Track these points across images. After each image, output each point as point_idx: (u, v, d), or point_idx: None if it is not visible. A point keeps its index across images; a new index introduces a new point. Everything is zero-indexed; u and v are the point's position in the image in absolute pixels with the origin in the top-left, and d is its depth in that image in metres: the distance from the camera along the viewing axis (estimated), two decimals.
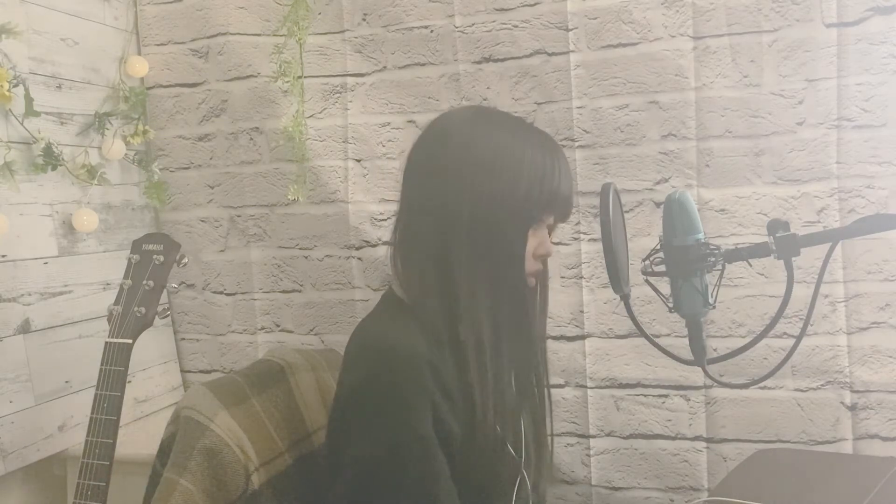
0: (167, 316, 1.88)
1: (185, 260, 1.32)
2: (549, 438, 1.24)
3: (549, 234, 1.12)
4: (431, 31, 1.71)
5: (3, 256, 1.52)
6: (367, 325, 1.10)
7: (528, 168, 1.04)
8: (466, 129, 1.08)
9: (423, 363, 0.98)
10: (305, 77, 1.78)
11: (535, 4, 1.64)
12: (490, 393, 1.03)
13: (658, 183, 1.60)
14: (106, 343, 1.25)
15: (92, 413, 1.22)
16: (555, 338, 1.68)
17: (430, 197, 1.06)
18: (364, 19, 1.76)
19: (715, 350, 1.55)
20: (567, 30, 1.62)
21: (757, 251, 0.93)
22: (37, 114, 1.57)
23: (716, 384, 1.26)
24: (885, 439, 1.51)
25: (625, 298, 0.98)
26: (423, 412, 0.97)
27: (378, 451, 0.98)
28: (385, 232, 1.77)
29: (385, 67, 1.76)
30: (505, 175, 1.04)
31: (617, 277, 0.94)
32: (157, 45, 1.90)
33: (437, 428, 0.98)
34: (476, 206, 1.03)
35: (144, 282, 1.27)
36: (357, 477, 0.99)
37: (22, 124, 1.56)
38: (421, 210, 1.08)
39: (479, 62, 1.68)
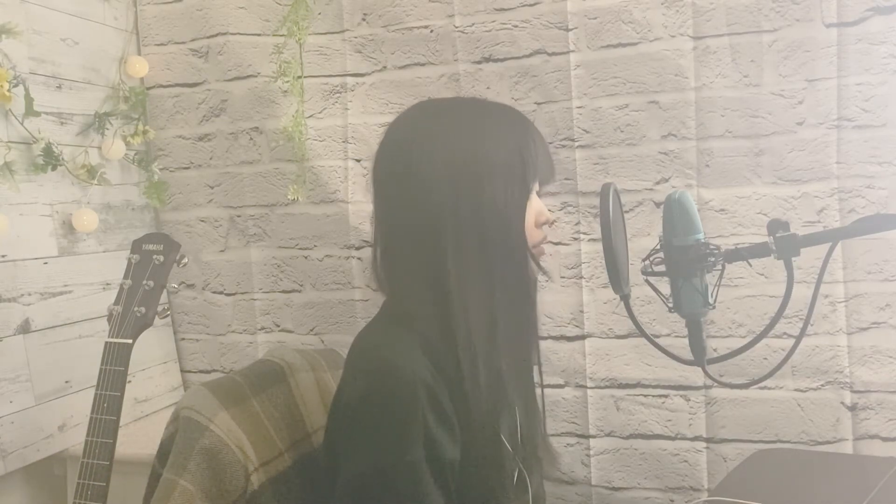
0: (167, 316, 1.88)
1: (185, 260, 1.32)
2: (545, 436, 1.23)
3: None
4: (431, 31, 1.71)
5: (3, 256, 1.52)
6: (366, 339, 1.07)
7: (502, 148, 1.03)
8: (426, 128, 1.06)
9: (418, 385, 0.95)
10: (305, 77, 1.78)
11: (535, 4, 1.64)
12: (484, 401, 1.01)
13: (658, 183, 1.60)
14: (106, 343, 1.25)
15: (92, 413, 1.22)
16: (555, 338, 1.68)
17: (408, 206, 1.04)
18: (364, 19, 1.76)
19: (715, 350, 1.55)
20: (567, 30, 1.62)
21: (757, 251, 0.93)
22: (37, 114, 1.57)
23: (716, 384, 1.26)
24: (885, 439, 1.51)
25: (625, 298, 0.98)
26: (414, 436, 0.95)
27: (368, 472, 0.96)
28: None
29: (385, 67, 1.76)
30: (479, 165, 1.02)
31: (617, 277, 0.94)
32: (157, 45, 1.90)
33: (429, 451, 0.96)
34: (460, 205, 1.01)
35: (144, 282, 1.27)
36: (347, 493, 0.98)
37: (22, 124, 1.56)
38: (401, 220, 1.06)
39: (478, 62, 1.68)
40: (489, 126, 1.05)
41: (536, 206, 1.09)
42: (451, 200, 1.01)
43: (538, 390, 1.22)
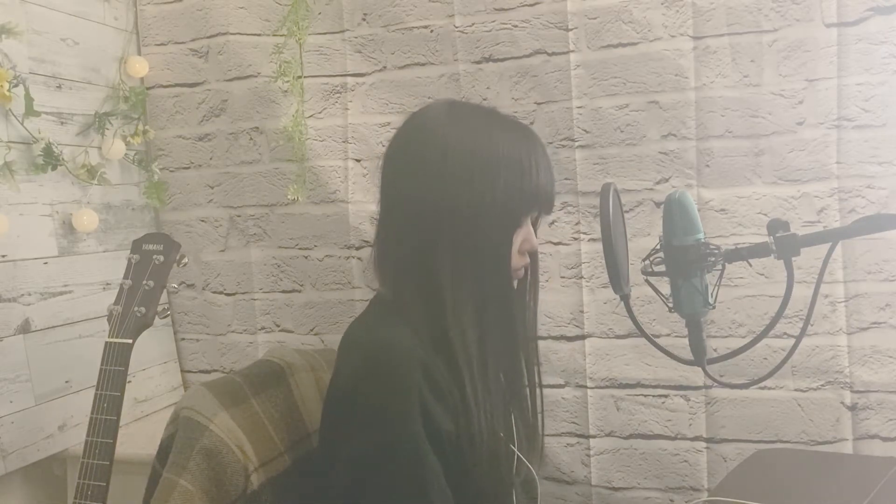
0: (167, 316, 1.88)
1: (185, 260, 1.32)
2: (541, 437, 1.24)
3: (535, 228, 1.13)
4: (431, 31, 1.71)
5: (3, 256, 1.52)
6: (357, 327, 1.11)
7: (504, 168, 1.04)
8: (440, 129, 1.07)
9: (414, 361, 0.98)
10: (305, 77, 1.78)
11: (535, 4, 1.64)
12: (479, 392, 1.03)
13: (658, 183, 1.60)
14: (106, 343, 1.25)
15: (92, 413, 1.22)
16: (555, 338, 1.68)
17: (409, 200, 1.07)
18: (364, 19, 1.76)
19: (715, 350, 1.55)
20: (567, 30, 1.62)
21: (757, 251, 0.93)
22: (37, 114, 1.57)
23: (716, 384, 1.26)
24: (885, 439, 1.51)
25: (625, 298, 0.98)
26: (412, 410, 0.96)
27: (369, 450, 0.97)
28: None
29: (385, 67, 1.76)
30: (482, 177, 1.03)
31: (617, 277, 0.94)
32: (157, 45, 1.90)
33: (427, 426, 0.97)
34: (456, 210, 1.03)
35: (144, 282, 1.27)
36: (349, 475, 0.99)
37: (22, 124, 1.56)
38: (400, 213, 1.09)
39: (478, 62, 1.68)
40: (500, 143, 1.06)
41: (525, 232, 1.10)
42: (452, 207, 1.03)
43: (536, 390, 1.23)
